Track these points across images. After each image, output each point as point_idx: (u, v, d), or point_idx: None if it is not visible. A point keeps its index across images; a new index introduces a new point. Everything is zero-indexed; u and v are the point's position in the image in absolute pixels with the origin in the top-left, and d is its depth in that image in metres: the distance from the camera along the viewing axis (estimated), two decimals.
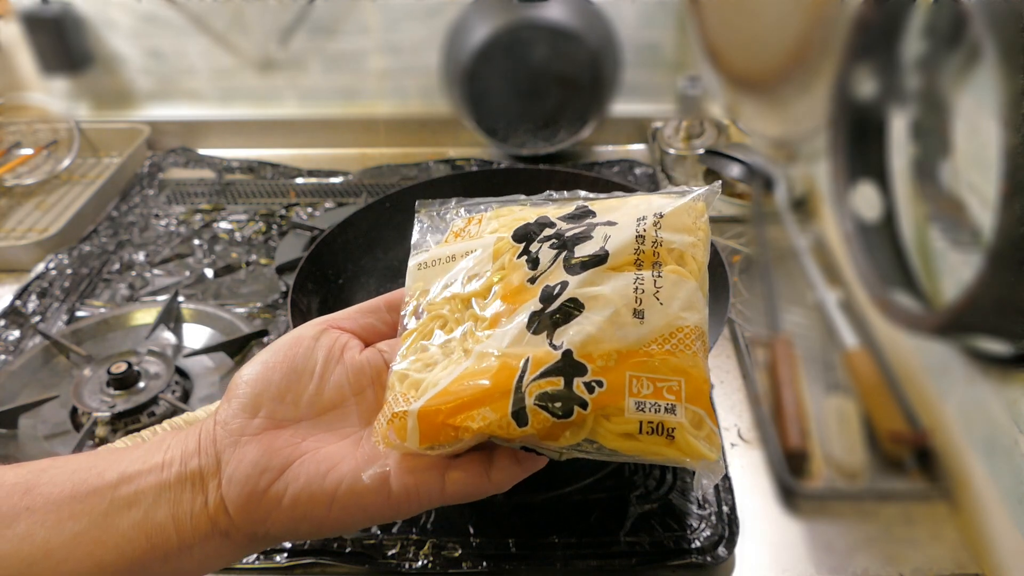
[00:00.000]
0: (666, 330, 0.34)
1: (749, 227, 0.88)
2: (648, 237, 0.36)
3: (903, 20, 0.62)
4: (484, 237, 0.40)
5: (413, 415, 0.33)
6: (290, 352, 0.37)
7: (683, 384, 0.33)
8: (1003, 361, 0.53)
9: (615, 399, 0.32)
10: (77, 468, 0.35)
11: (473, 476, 0.34)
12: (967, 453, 0.56)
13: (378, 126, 1.14)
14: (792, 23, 0.82)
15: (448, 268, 0.40)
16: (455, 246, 0.41)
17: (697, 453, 0.32)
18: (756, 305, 0.75)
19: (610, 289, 0.35)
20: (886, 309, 0.62)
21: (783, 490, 0.59)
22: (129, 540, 0.33)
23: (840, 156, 0.68)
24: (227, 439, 0.35)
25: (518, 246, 0.39)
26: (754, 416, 0.66)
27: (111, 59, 1.12)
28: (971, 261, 0.55)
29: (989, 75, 0.45)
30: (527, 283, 0.37)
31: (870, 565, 0.53)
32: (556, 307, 0.35)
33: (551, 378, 0.33)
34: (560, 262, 0.37)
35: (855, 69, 0.66)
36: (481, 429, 0.32)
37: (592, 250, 0.36)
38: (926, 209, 0.62)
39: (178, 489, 0.34)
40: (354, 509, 0.34)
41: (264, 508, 0.34)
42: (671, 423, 0.32)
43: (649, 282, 0.35)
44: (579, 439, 0.33)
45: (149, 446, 0.36)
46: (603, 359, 0.33)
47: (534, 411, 0.32)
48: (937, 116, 0.61)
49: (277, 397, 0.36)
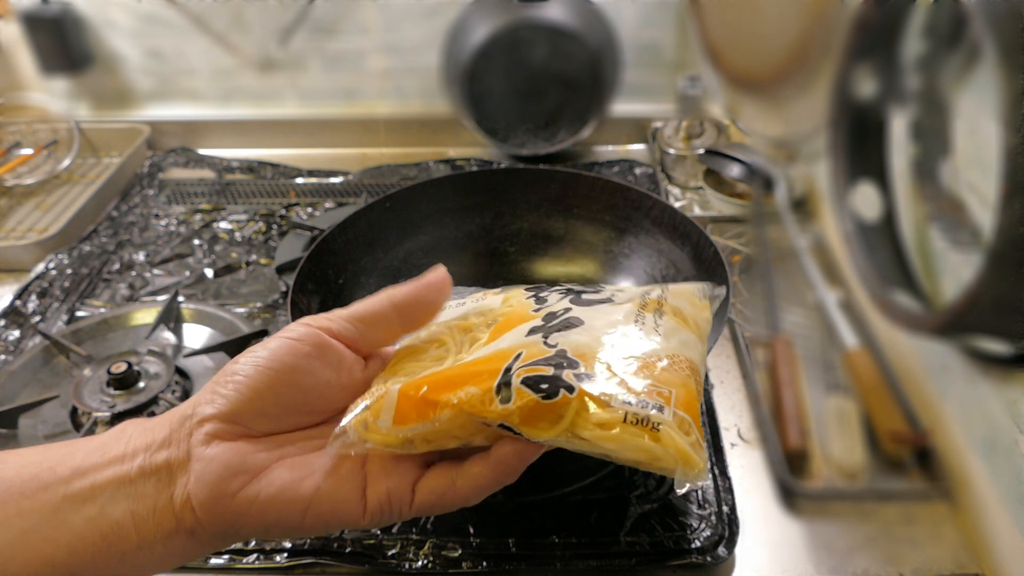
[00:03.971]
0: (663, 353, 0.34)
1: (749, 227, 0.88)
2: (653, 294, 0.39)
3: (903, 20, 0.62)
4: (496, 297, 0.42)
5: (393, 392, 0.33)
6: (287, 360, 0.34)
7: (674, 393, 0.32)
8: (1003, 361, 0.53)
9: (603, 389, 0.32)
10: (28, 463, 0.33)
11: (442, 485, 0.34)
12: (967, 453, 0.56)
13: (378, 126, 1.14)
14: (792, 23, 0.82)
15: (457, 311, 0.41)
16: (466, 307, 0.42)
17: (681, 451, 0.31)
18: (756, 305, 0.75)
19: (612, 316, 0.36)
20: (886, 309, 0.62)
21: (783, 490, 0.59)
22: (82, 538, 0.31)
23: (840, 156, 0.68)
24: (201, 436, 0.33)
25: (528, 293, 0.41)
26: (754, 416, 0.66)
27: (111, 59, 1.12)
28: (971, 261, 0.55)
29: (989, 75, 0.45)
30: (531, 312, 0.37)
31: (870, 565, 0.53)
32: (557, 322, 0.35)
33: (541, 366, 0.32)
34: (567, 299, 0.38)
35: (855, 69, 0.66)
36: (461, 403, 0.31)
37: (599, 297, 0.39)
38: (926, 209, 0.62)
39: (140, 483, 0.32)
40: (328, 518, 0.33)
41: (234, 511, 0.32)
42: (657, 419, 0.31)
43: (651, 320, 0.36)
44: (558, 432, 0.31)
45: (107, 437, 0.34)
46: (596, 362, 0.33)
47: (519, 390, 0.31)
48: (937, 116, 0.61)
49: (262, 411, 0.34)
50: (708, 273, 0.59)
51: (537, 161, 1.06)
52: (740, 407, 0.67)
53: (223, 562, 0.54)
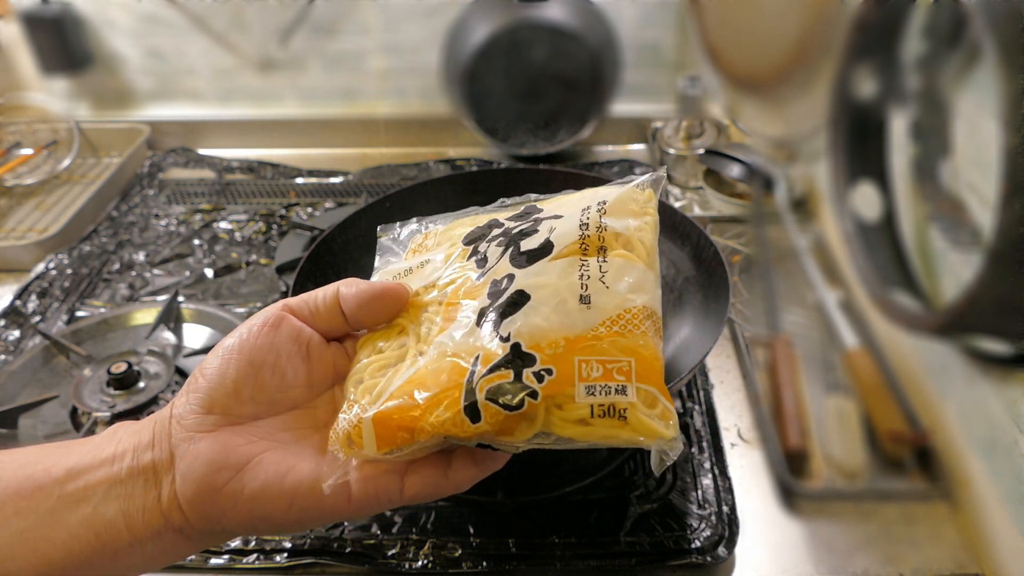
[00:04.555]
0: (613, 312, 0.34)
1: (749, 227, 0.88)
2: (592, 224, 0.37)
3: (903, 20, 0.62)
4: (438, 249, 0.41)
5: (368, 422, 0.33)
6: (248, 341, 0.35)
7: (633, 364, 0.33)
8: (1003, 361, 0.53)
9: (565, 386, 0.32)
10: (24, 463, 0.34)
11: (432, 476, 0.34)
12: (967, 453, 0.56)
13: (378, 126, 1.14)
14: (792, 23, 0.82)
15: (407, 283, 0.40)
16: (412, 260, 0.42)
17: (651, 432, 0.32)
18: (756, 305, 0.75)
19: (555, 277, 0.35)
20: (886, 309, 0.62)
21: (783, 490, 0.59)
22: (77, 537, 0.32)
23: (840, 156, 0.68)
24: (181, 434, 0.34)
25: (467, 248, 0.39)
26: (754, 416, 0.66)
27: (111, 59, 1.12)
28: (971, 261, 0.55)
29: (989, 75, 0.45)
30: (476, 281, 0.37)
31: (870, 565, 0.53)
32: (503, 301, 0.35)
33: (500, 371, 0.32)
34: (506, 258, 0.37)
35: (855, 69, 0.66)
36: (436, 429, 0.32)
37: (537, 243, 0.37)
38: (926, 209, 0.62)
39: (129, 484, 0.33)
40: (313, 511, 0.33)
41: (220, 506, 0.33)
42: (622, 404, 0.32)
43: (595, 267, 0.35)
44: (533, 432, 0.32)
45: (99, 439, 0.35)
46: (551, 347, 0.33)
47: (485, 406, 0.32)
48: (937, 116, 0.61)
49: (233, 392, 0.35)
50: (708, 273, 0.59)
51: (537, 161, 1.06)
52: (740, 407, 0.67)
53: (223, 562, 0.54)
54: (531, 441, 0.33)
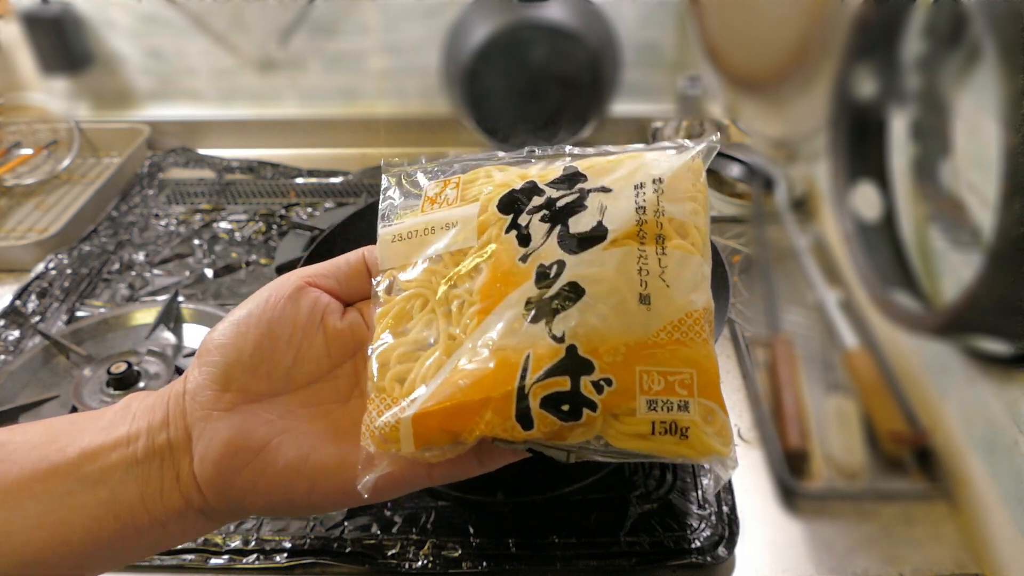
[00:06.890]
0: (675, 316, 0.31)
1: (749, 227, 0.88)
2: (650, 207, 0.33)
3: (903, 20, 0.62)
4: (464, 206, 0.36)
5: (407, 422, 0.31)
6: (264, 314, 0.34)
7: (695, 376, 0.31)
8: (1003, 361, 0.53)
9: (625, 399, 0.30)
10: (37, 443, 0.33)
11: (461, 460, 0.32)
12: (967, 453, 0.56)
13: (378, 126, 1.14)
14: (792, 23, 0.82)
15: (426, 242, 0.36)
16: (432, 216, 0.37)
17: (710, 450, 0.31)
18: (756, 305, 0.75)
19: (612, 271, 0.32)
20: (886, 309, 0.62)
21: (783, 490, 0.59)
22: (96, 519, 0.31)
23: (840, 156, 0.68)
24: (198, 412, 0.32)
25: (505, 218, 0.35)
26: (754, 416, 0.66)
27: (111, 59, 1.12)
28: (971, 261, 0.55)
29: (989, 75, 0.45)
30: (518, 262, 0.33)
31: (870, 565, 0.53)
32: (554, 292, 0.32)
33: (556, 378, 0.31)
34: (554, 238, 0.33)
35: (855, 69, 0.66)
36: (483, 432, 0.31)
37: (589, 225, 0.33)
38: (926, 209, 0.62)
39: (146, 465, 0.32)
40: (335, 494, 0.32)
41: (239, 489, 0.32)
42: (684, 421, 0.30)
43: (653, 261, 0.32)
44: (588, 437, 0.31)
45: (112, 415, 0.34)
46: (610, 354, 0.31)
47: (540, 415, 0.30)
48: (937, 116, 0.61)
49: (250, 368, 0.33)
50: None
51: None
52: (740, 407, 0.67)
53: (223, 562, 0.54)
54: (583, 447, 0.31)
